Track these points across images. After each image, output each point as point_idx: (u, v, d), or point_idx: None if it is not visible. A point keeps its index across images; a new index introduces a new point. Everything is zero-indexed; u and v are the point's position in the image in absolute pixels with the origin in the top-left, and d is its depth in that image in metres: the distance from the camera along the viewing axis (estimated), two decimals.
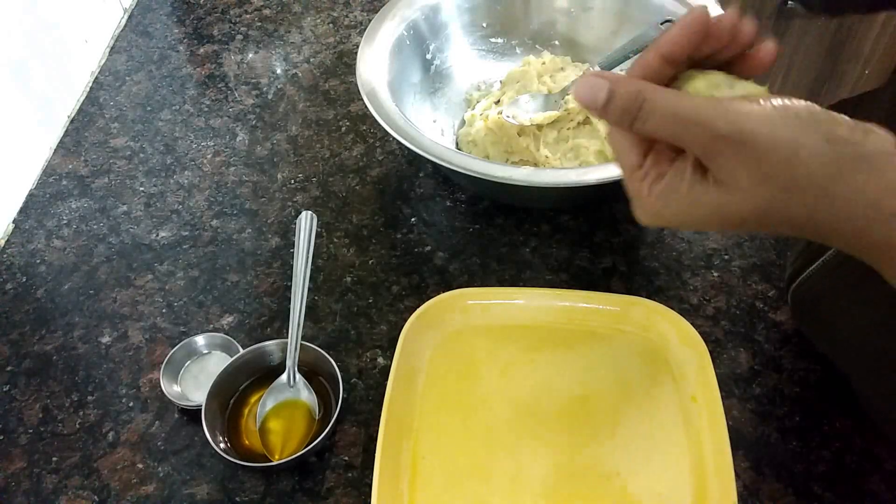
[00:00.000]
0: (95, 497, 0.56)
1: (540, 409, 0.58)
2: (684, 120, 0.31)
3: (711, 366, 0.57)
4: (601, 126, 0.74)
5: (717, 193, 0.32)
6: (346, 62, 0.94)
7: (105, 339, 0.66)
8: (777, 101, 0.31)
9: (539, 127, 0.73)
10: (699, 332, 0.60)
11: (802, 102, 0.31)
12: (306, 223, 0.66)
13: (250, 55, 0.97)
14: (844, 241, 0.32)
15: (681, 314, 0.60)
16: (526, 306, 0.63)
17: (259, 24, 1.02)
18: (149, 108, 0.89)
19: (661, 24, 0.70)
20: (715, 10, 0.74)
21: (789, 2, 0.51)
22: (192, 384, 0.61)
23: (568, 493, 0.53)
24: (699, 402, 0.56)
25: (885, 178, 0.30)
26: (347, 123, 0.86)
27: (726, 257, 0.69)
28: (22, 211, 0.78)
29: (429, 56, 0.81)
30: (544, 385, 0.59)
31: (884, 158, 0.30)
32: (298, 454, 0.53)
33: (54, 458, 0.58)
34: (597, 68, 0.74)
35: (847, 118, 0.31)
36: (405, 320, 0.61)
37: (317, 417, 0.57)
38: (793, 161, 0.30)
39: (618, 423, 0.57)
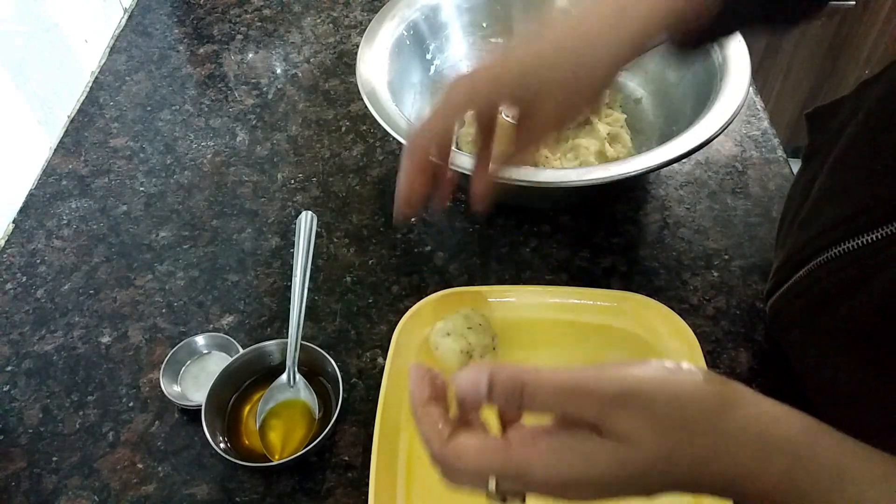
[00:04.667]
0: (95, 497, 0.56)
1: None
2: (570, 393, 0.32)
3: (703, 358, 0.57)
4: (601, 126, 0.74)
5: (616, 448, 0.31)
6: (346, 62, 0.94)
7: (105, 339, 0.66)
8: (650, 362, 0.32)
9: None
10: (699, 332, 0.60)
11: (661, 362, 0.33)
12: (306, 223, 0.66)
13: (250, 55, 0.97)
14: (748, 482, 0.32)
15: (681, 314, 0.60)
16: (518, 304, 0.64)
17: (259, 24, 1.02)
18: (149, 108, 0.89)
19: None
20: None
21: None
22: (192, 384, 0.61)
23: None
24: None
25: (760, 409, 0.32)
26: (347, 123, 0.86)
27: (726, 257, 0.69)
28: (22, 211, 0.78)
29: (429, 56, 0.81)
30: None
31: (750, 394, 0.32)
32: (298, 454, 0.53)
33: (54, 458, 0.58)
34: None
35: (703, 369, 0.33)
36: None
37: (317, 417, 0.57)
38: (681, 400, 0.31)
39: None
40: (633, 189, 0.75)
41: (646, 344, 0.61)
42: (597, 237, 0.72)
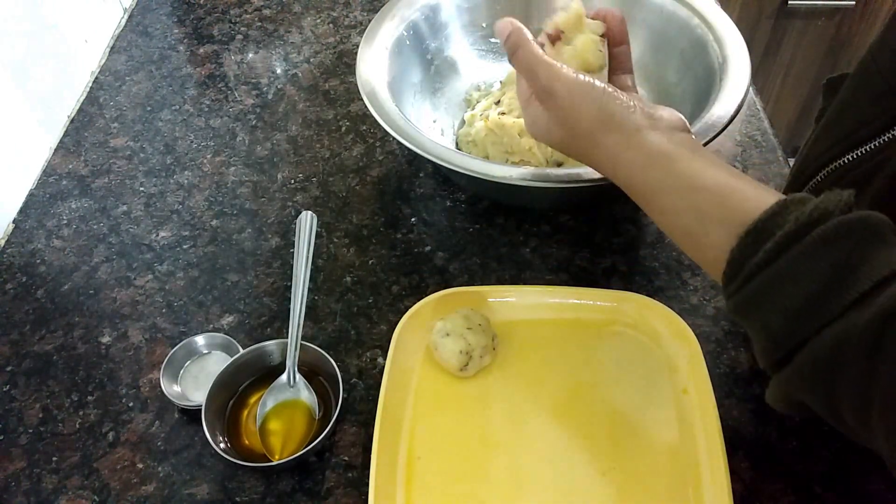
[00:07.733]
0: (95, 497, 0.56)
1: (534, 405, 0.58)
2: (529, 68, 0.52)
3: (703, 359, 0.57)
4: None
5: (544, 116, 0.53)
6: (346, 62, 0.94)
7: (105, 339, 0.66)
8: (580, 75, 0.50)
9: None
10: (699, 332, 0.60)
11: (590, 80, 0.50)
12: (306, 223, 0.66)
13: (250, 55, 0.97)
14: (603, 170, 0.51)
15: (681, 314, 0.60)
16: (518, 304, 0.64)
17: (259, 24, 1.02)
18: (149, 108, 0.89)
19: None
20: (715, 10, 0.74)
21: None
22: (192, 384, 0.61)
23: (564, 489, 0.53)
24: (691, 395, 0.57)
25: (624, 140, 0.48)
26: (347, 123, 0.86)
27: None
28: (22, 211, 0.78)
29: (429, 56, 0.81)
30: (538, 382, 0.59)
31: (632, 130, 0.47)
32: (298, 454, 0.53)
33: (54, 458, 0.58)
34: None
35: (625, 100, 0.49)
36: None
37: (317, 417, 0.57)
38: (575, 113, 0.49)
39: (613, 418, 0.57)
40: None
41: (646, 344, 0.61)
42: (597, 237, 0.72)
